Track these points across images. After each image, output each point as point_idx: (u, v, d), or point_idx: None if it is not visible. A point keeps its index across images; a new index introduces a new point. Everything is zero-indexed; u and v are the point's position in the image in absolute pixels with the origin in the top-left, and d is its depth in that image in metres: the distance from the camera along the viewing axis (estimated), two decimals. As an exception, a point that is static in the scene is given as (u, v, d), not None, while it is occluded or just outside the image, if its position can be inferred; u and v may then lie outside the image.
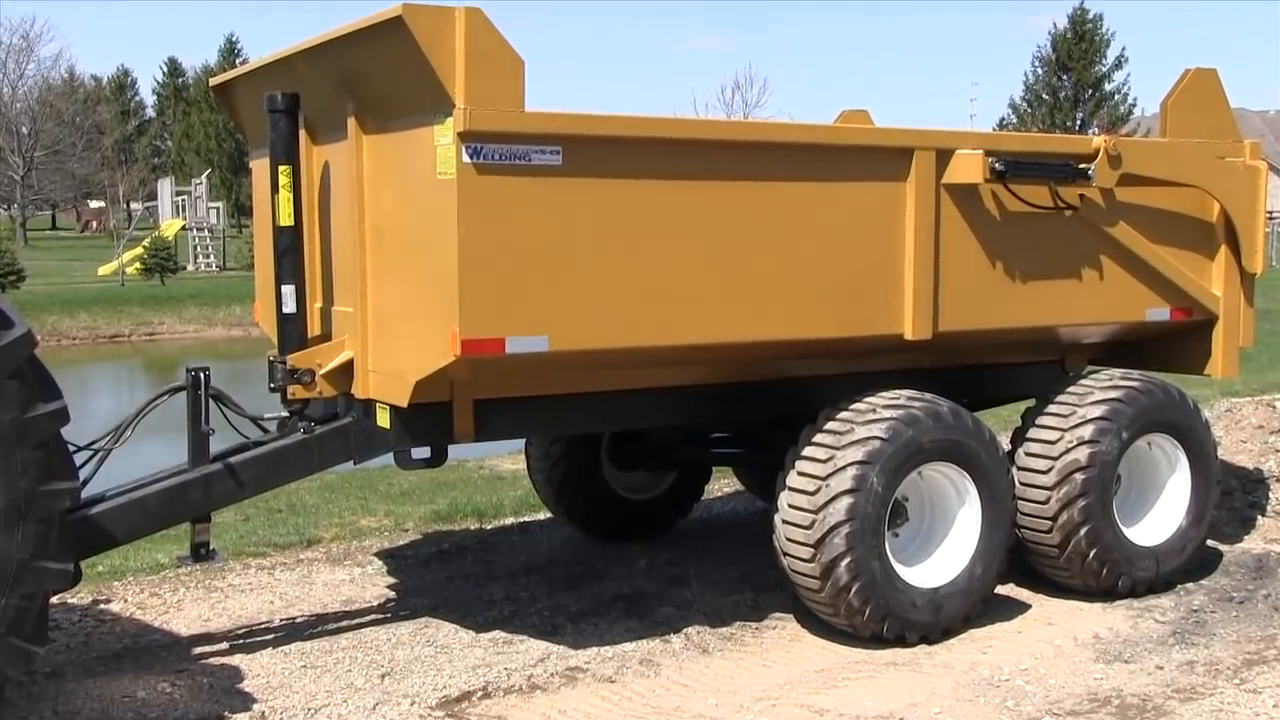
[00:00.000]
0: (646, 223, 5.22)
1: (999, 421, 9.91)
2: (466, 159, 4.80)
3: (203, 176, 52.12)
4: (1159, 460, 6.74)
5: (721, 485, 9.39)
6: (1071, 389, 6.59)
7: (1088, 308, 6.48)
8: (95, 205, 76.65)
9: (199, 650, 5.93)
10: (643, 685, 5.47)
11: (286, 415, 5.76)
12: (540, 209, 4.99)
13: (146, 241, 41.57)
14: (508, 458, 10.80)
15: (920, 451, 5.78)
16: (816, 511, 5.63)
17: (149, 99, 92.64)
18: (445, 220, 4.88)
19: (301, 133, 5.74)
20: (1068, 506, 6.26)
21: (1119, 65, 59.08)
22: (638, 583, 6.90)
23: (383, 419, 5.50)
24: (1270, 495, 7.90)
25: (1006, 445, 6.48)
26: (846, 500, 5.59)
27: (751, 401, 6.14)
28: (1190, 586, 6.76)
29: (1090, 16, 58.93)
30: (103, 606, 6.58)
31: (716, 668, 5.68)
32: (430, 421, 5.43)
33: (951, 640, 5.94)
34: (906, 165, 5.82)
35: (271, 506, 8.97)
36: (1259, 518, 7.78)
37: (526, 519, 8.51)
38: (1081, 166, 6.22)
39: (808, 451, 5.79)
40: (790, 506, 5.75)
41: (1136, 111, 57.79)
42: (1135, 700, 5.25)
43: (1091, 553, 6.32)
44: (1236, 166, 6.79)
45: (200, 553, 5.70)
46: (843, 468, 5.64)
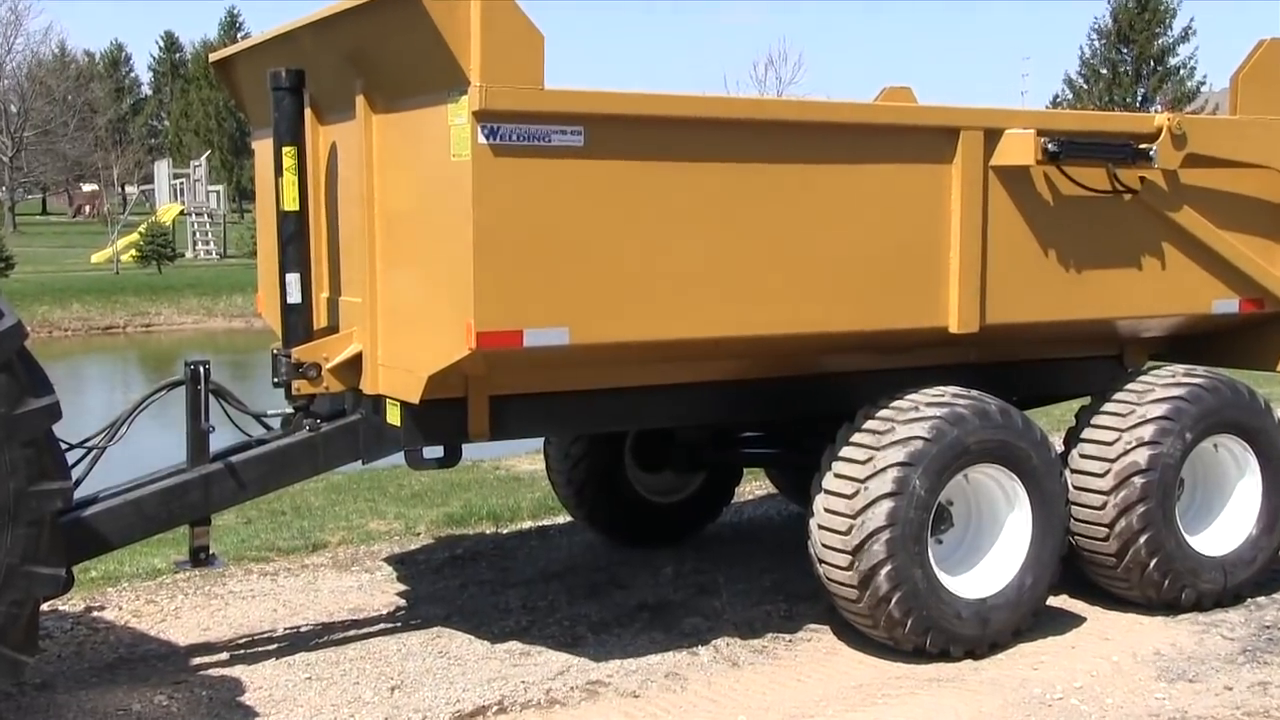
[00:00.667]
0: (674, 208, 5.23)
1: (1051, 421, 9.89)
2: (482, 140, 4.82)
3: (202, 158, 52.39)
4: (1226, 463, 6.71)
5: (753, 488, 9.40)
6: (1130, 386, 6.56)
7: (1148, 299, 6.46)
8: (88, 189, 77.15)
9: (198, 661, 5.98)
10: (668, 700, 5.49)
11: (291, 412, 5.79)
12: (561, 193, 5.00)
13: (142, 227, 41.87)
14: (525, 458, 10.84)
15: (966, 452, 5.78)
16: (854, 516, 5.63)
17: (145, 76, 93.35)
18: (459, 205, 4.90)
19: (307, 112, 5.78)
20: (1126, 513, 6.24)
21: (1185, 37, 58.61)
22: (663, 591, 6.92)
23: (393, 416, 5.53)
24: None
25: (1059, 446, 6.47)
26: (887, 504, 5.60)
27: (785, 398, 6.15)
28: (1262, 600, 6.73)
29: (1154, -17, 58.51)
30: (96, 614, 6.64)
31: (747, 682, 5.69)
32: (443, 419, 5.46)
33: (1000, 655, 5.94)
34: (952, 146, 5.81)
35: (275, 509, 9.03)
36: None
37: (545, 523, 8.54)
38: (1142, 147, 6.20)
39: (845, 452, 5.80)
40: (826, 511, 5.76)
41: (1204, 87, 57.35)
42: (1198, 721, 5.24)
43: (1152, 563, 6.30)
44: None
45: (199, 557, 5.74)
46: (883, 469, 5.64)
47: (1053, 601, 6.38)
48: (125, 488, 5.56)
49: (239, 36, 71.37)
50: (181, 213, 48.16)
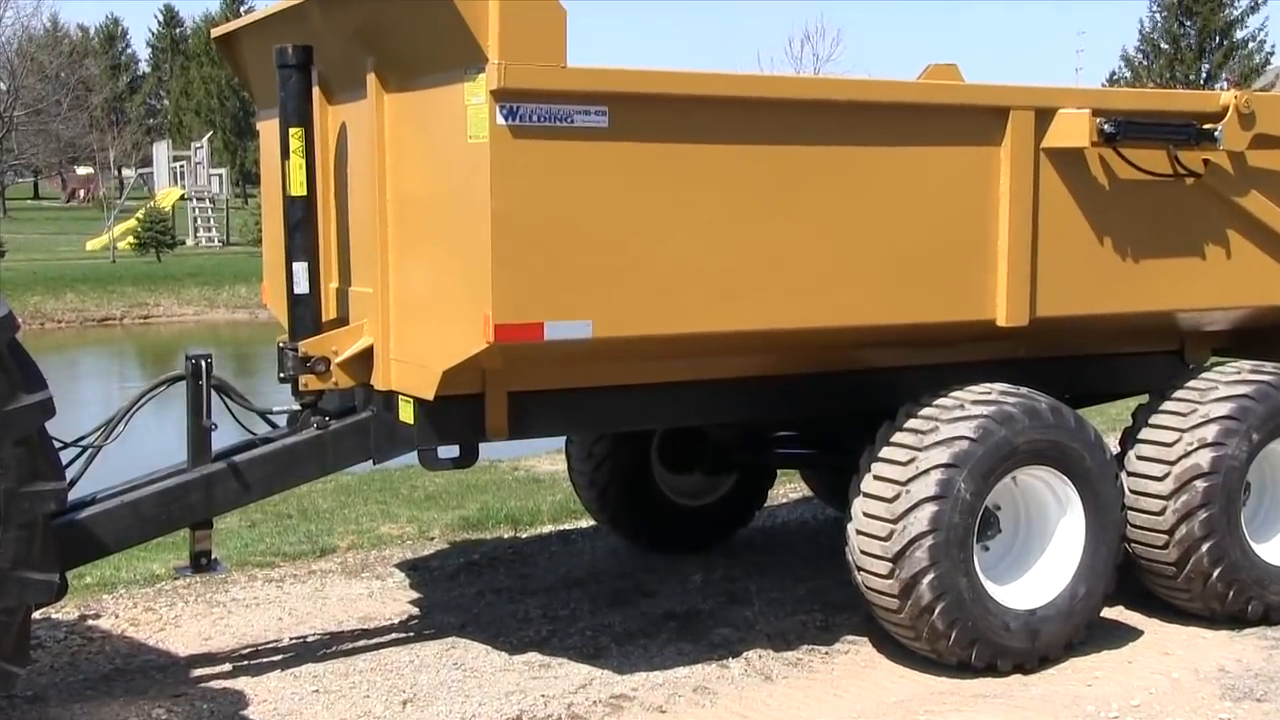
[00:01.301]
0: (704, 193, 5.24)
1: (1106, 421, 9.86)
2: (501, 120, 4.83)
3: (203, 140, 52.61)
4: (1295, 466, 6.68)
5: (787, 490, 9.40)
6: (1192, 383, 6.53)
7: (1212, 290, 6.43)
8: (83, 172, 77.50)
9: (198, 672, 6.01)
10: (696, 716, 5.50)
11: (298, 409, 5.81)
12: (584, 177, 5.01)
13: (140, 213, 42.08)
14: (546, 458, 10.86)
15: (1015, 453, 5.77)
16: (895, 521, 5.63)
17: (143, 52, 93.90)
18: (477, 189, 4.91)
19: (315, 90, 5.80)
20: (1187, 519, 6.22)
21: (1254, 8, 58.14)
22: (692, 600, 6.93)
23: (406, 413, 5.55)
24: None
25: (1115, 447, 6.45)
26: (930, 508, 5.59)
27: (822, 396, 6.15)
28: (1333, 613, 6.69)
29: (1221, -49, 58.08)
30: (91, 622, 6.69)
31: (781, 697, 5.69)
32: (459, 416, 5.48)
33: (1050, 670, 5.92)
34: (1001, 127, 5.79)
35: (280, 511, 9.07)
36: None
37: (566, 527, 8.56)
38: (1207, 127, 6.16)
39: (885, 453, 5.79)
40: (865, 515, 5.76)
41: (1274, 62, 56.91)
42: (1265, 742, 5.22)
43: (1215, 572, 6.27)
44: None
45: (200, 563, 5.77)
46: (925, 471, 5.63)
47: (1108, 613, 6.35)
48: (122, 489, 5.60)
49: (242, 10, 71.55)
50: (182, 197, 48.39)
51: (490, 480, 10.11)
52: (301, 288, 5.76)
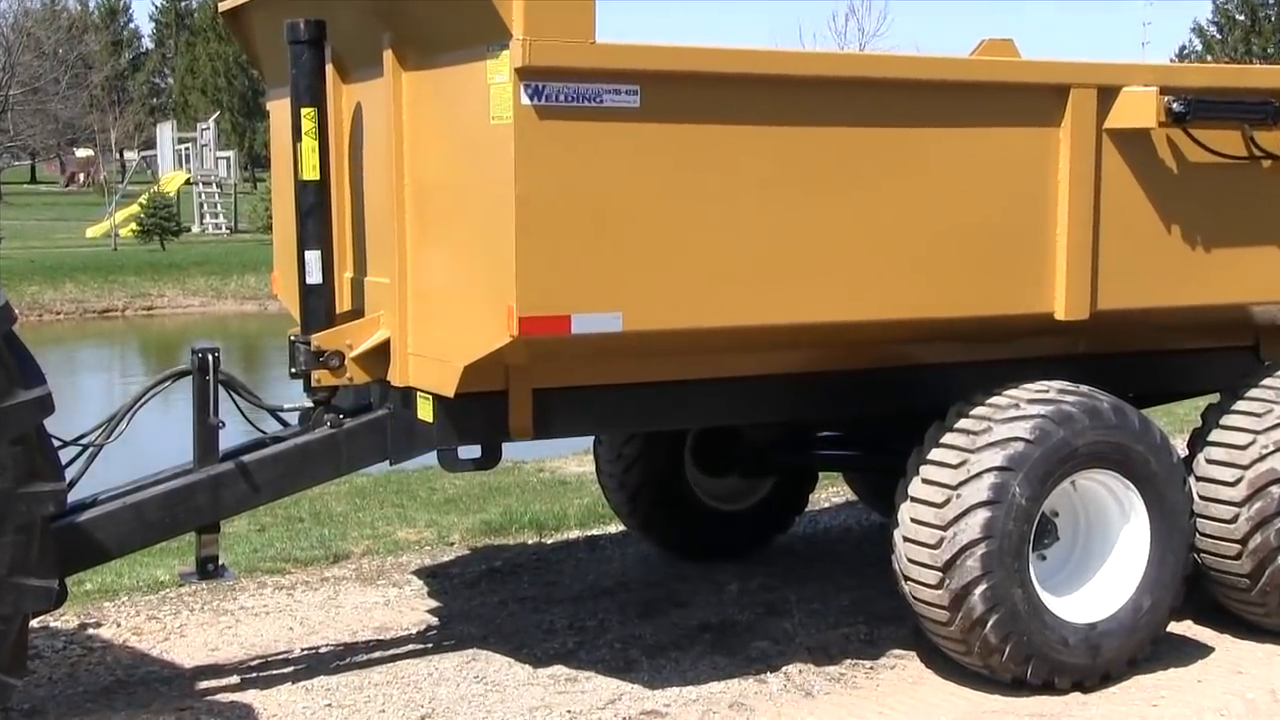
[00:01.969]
0: (742, 178, 5.24)
1: (1173, 422, 9.81)
2: (526, 100, 4.84)
3: (210, 121, 52.78)
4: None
5: (829, 494, 9.39)
6: (1268, 382, 6.50)
7: (1289, 281, 6.39)
8: (82, 154, 77.97)
9: (205, 685, 6.05)
10: (733, 735, 5.51)
11: (310, 406, 5.84)
12: (614, 161, 5.02)
13: (143, 198, 42.25)
14: (572, 459, 10.88)
15: (1074, 456, 5.75)
16: (945, 527, 5.62)
17: (146, 27, 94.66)
18: (500, 174, 4.93)
19: (329, 68, 5.83)
20: (1262, 527, 6.19)
21: (1342, -25, 57.67)
22: (727, 611, 6.94)
23: (424, 411, 5.57)
24: None
25: (1183, 450, 6.42)
26: (982, 514, 5.58)
27: (867, 394, 6.14)
28: None
29: (1303, -86, 57.58)
30: (91, 631, 6.74)
31: (822, 714, 5.69)
32: (481, 415, 5.50)
33: (1112, 688, 5.90)
34: (1060, 106, 5.77)
35: (292, 514, 9.11)
36: None
37: (594, 532, 8.58)
38: (1285, 105, 6.13)
39: (935, 454, 5.79)
40: (913, 521, 5.75)
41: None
42: (1347, 769, 5.19)
43: (1291, 584, 6.24)
44: None
45: (207, 568, 5.80)
46: (978, 474, 5.62)
47: (1174, 628, 6.33)
48: (125, 490, 5.62)
49: (251, -17, 71.61)
50: (187, 182, 48.56)
51: (514, 482, 10.13)
52: (314, 278, 5.78)
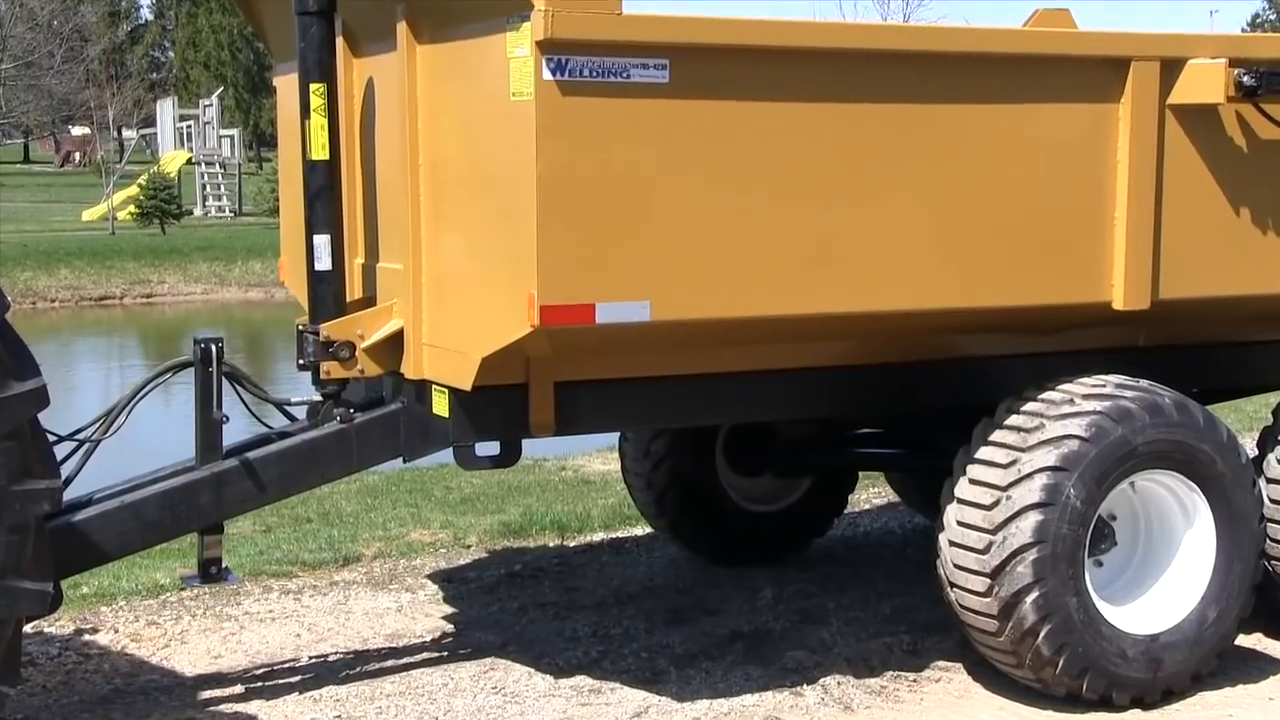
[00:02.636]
0: (778, 158, 5.22)
1: (1241, 419, 9.76)
2: (548, 75, 4.83)
3: (213, 97, 53.00)
4: None
5: (870, 495, 9.38)
6: (1342, 377, 6.46)
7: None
8: (78, 132, 78.20)
9: (206, 694, 6.08)
10: (767, 751, 5.51)
11: (319, 400, 5.86)
12: (642, 140, 5.01)
13: (143, 179, 42.47)
14: (597, 456, 10.88)
15: (1133, 455, 5.72)
16: (994, 531, 5.60)
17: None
18: (520, 153, 4.93)
19: (339, 41, 5.83)
20: (1336, 532, 6.16)
21: None
22: (761, 619, 6.93)
23: (440, 405, 5.58)
24: None
25: (1252, 450, 6.38)
26: (1034, 517, 5.56)
27: (911, 389, 6.12)
28: None
29: None
30: (88, 638, 6.77)
31: (863, 731, 5.70)
32: (500, 409, 5.50)
33: (1175, 705, 5.88)
34: (1120, 81, 5.74)
35: (299, 515, 9.15)
36: None
37: (620, 534, 8.59)
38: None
39: (983, 453, 5.77)
40: (960, 524, 5.74)
41: None
42: None
43: (1370, 595, 6.21)
44: None
45: (210, 571, 5.82)
46: (1029, 475, 5.60)
47: (1243, 641, 6.30)
48: (123, 488, 5.65)
49: (257, -50, 71.78)
50: (189, 162, 48.78)
51: (534, 481, 10.14)
52: (323, 264, 5.79)
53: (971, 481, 5.75)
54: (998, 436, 5.78)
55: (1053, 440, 5.64)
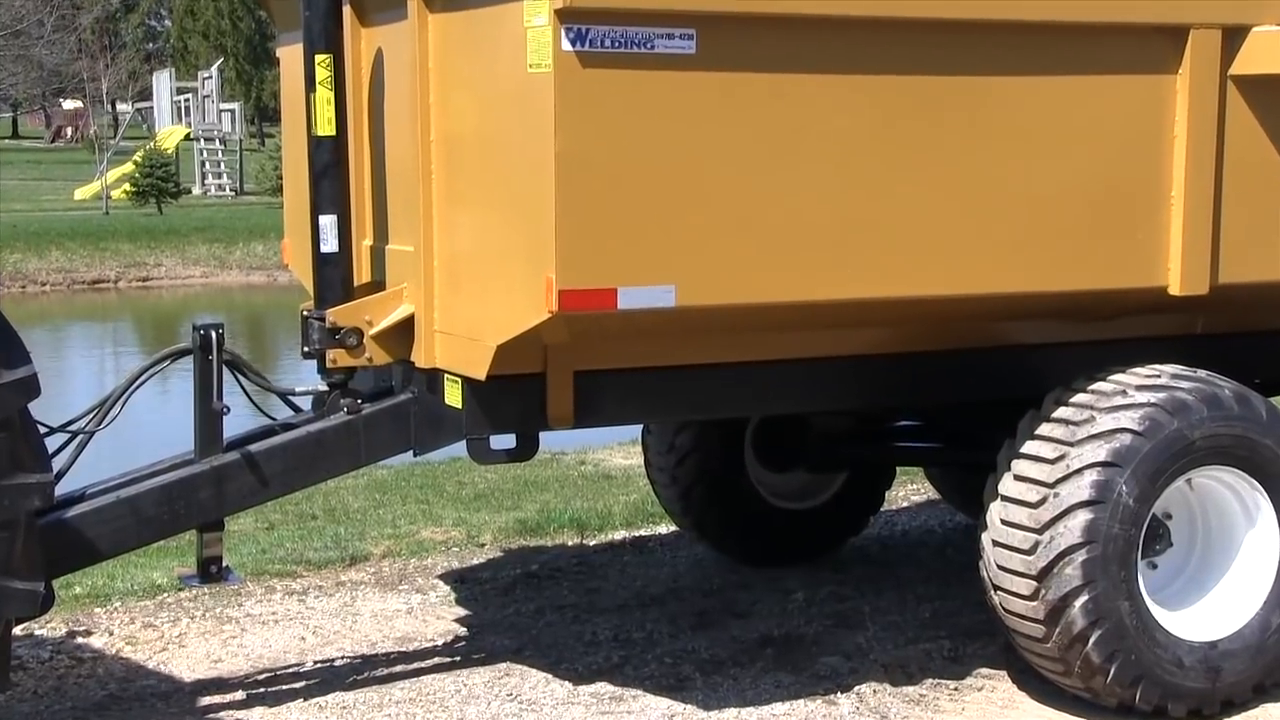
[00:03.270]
0: (811, 134, 5.21)
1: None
2: (567, 46, 4.83)
3: (212, 69, 53.12)
4: None
5: (908, 491, 9.37)
6: None
7: None
8: (70, 106, 78.56)
9: (206, 701, 6.10)
10: (799, 763, 5.52)
11: (325, 389, 5.87)
12: (667, 114, 5.00)
13: (138, 156, 42.63)
14: (619, 450, 10.90)
15: (1190, 450, 5.70)
16: (1041, 531, 5.59)
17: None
18: (538, 128, 4.92)
19: (346, 10, 5.83)
20: (1405, 532, 6.12)
21: None
22: (793, 622, 6.93)
23: (452, 396, 5.58)
24: None
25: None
26: (1083, 516, 5.54)
27: (952, 379, 6.11)
28: None
29: None
30: (81, 640, 6.80)
31: (901, 742, 5.69)
32: (516, 400, 5.50)
33: (1236, 717, 5.86)
34: (1178, 50, 5.71)
35: (304, 511, 9.17)
36: None
37: (643, 533, 8.59)
38: None
39: (1029, 448, 5.75)
40: (1004, 523, 5.72)
41: None
42: None
43: None
44: None
45: (210, 571, 5.83)
46: (1078, 471, 5.58)
47: (1305, 647, 6.27)
48: (118, 483, 5.67)
49: (259, -87, 72.02)
50: (187, 137, 48.94)
51: (552, 476, 10.16)
52: (329, 245, 5.79)
53: (1016, 478, 5.73)
54: (1045, 430, 5.76)
55: (1103, 434, 5.62)
